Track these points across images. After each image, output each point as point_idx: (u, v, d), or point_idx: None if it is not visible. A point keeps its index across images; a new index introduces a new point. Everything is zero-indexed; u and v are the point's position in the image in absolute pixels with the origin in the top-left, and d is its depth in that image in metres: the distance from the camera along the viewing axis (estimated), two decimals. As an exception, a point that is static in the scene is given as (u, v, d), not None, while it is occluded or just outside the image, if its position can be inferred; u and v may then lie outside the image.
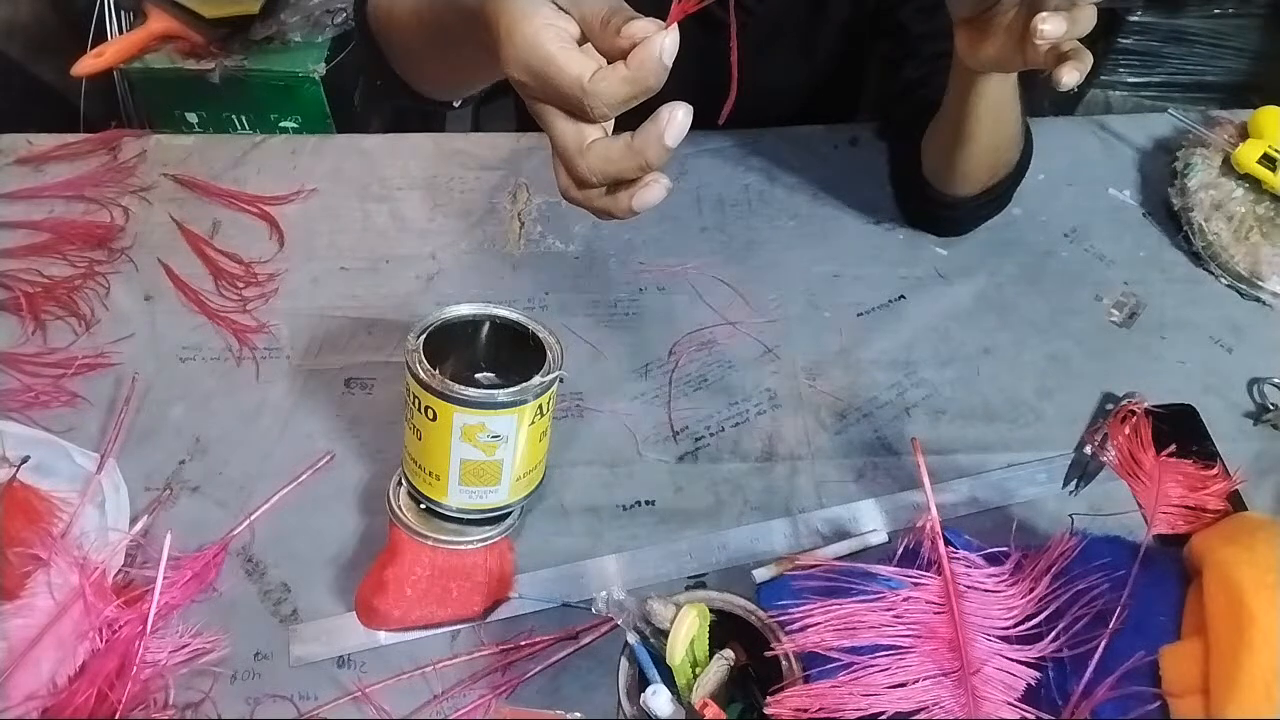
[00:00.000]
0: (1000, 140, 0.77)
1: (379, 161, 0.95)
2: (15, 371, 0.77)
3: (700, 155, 0.95)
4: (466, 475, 0.61)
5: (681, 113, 0.41)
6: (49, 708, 0.58)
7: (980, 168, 0.79)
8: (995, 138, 0.76)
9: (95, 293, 0.83)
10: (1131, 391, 0.76)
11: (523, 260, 0.87)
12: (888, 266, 0.86)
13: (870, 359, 0.79)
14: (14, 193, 0.90)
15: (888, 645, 0.57)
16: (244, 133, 1.42)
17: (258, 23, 1.36)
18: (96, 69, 1.33)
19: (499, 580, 0.65)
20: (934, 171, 0.82)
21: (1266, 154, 0.87)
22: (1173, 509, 0.67)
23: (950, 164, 0.79)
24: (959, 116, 0.74)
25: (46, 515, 0.65)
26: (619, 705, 0.54)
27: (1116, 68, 1.68)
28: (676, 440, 0.74)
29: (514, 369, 0.62)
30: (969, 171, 0.79)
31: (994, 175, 0.80)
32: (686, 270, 0.85)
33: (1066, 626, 0.59)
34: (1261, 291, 0.84)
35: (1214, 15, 1.61)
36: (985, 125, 0.74)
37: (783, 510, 0.70)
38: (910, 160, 0.85)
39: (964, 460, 0.73)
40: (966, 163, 0.78)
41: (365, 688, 0.61)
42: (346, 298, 0.83)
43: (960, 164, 0.78)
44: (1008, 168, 0.80)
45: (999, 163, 0.80)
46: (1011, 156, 0.80)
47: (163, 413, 0.75)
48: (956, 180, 0.81)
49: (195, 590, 0.65)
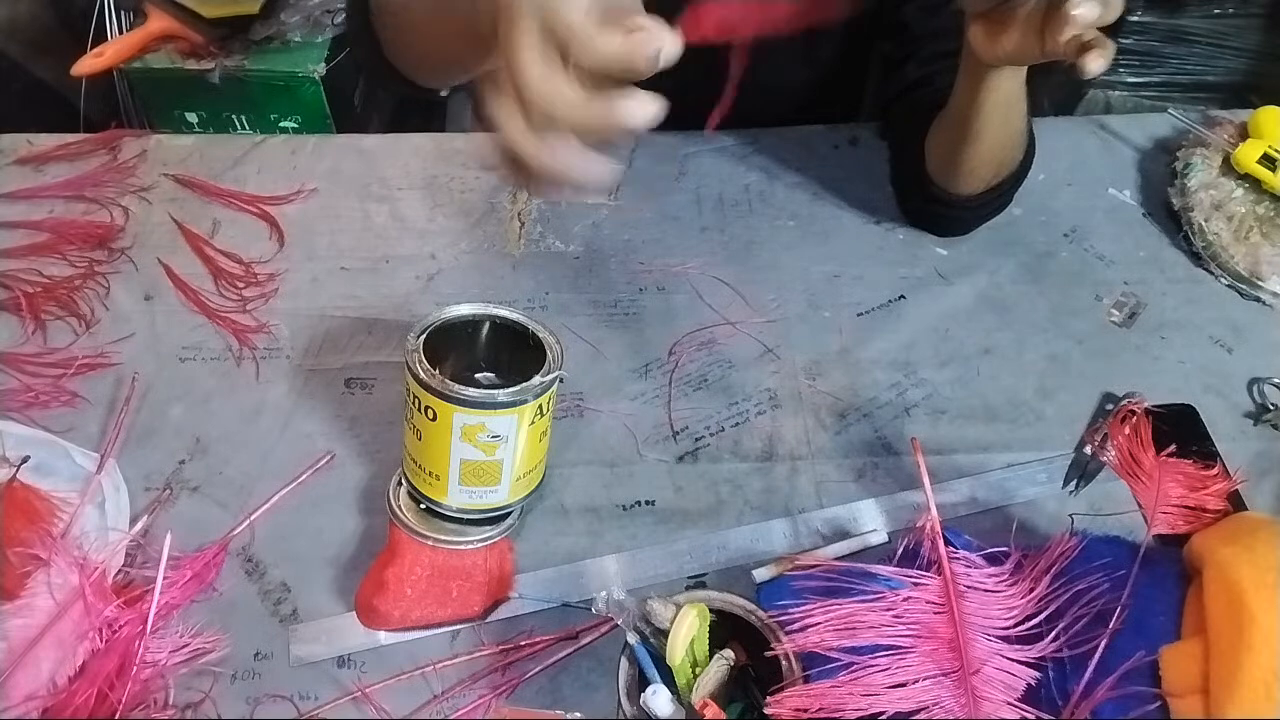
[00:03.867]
0: (1007, 137, 0.77)
1: (379, 161, 0.95)
2: (15, 371, 0.77)
3: (700, 155, 0.95)
4: (466, 475, 0.61)
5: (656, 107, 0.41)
6: (49, 708, 0.58)
7: (986, 165, 0.79)
8: (1003, 134, 0.76)
9: (95, 293, 0.83)
10: (1131, 391, 0.76)
11: (523, 260, 0.87)
12: (888, 266, 0.86)
13: (870, 359, 0.79)
14: (14, 193, 0.90)
15: (888, 645, 0.57)
16: (244, 133, 1.42)
17: (258, 23, 1.36)
18: (96, 69, 1.33)
19: (499, 580, 0.65)
20: (938, 169, 0.82)
21: (1266, 154, 0.87)
22: (1173, 509, 0.67)
23: (956, 161, 0.79)
24: (967, 113, 0.73)
25: (46, 515, 0.65)
26: (619, 705, 0.54)
27: (1116, 68, 1.68)
28: (676, 440, 0.74)
29: (514, 369, 0.62)
30: (975, 169, 0.79)
31: (999, 174, 0.80)
32: (686, 270, 0.85)
33: (1066, 626, 0.59)
34: (1261, 291, 0.84)
35: (1214, 15, 1.61)
36: (994, 122, 0.74)
37: (783, 510, 0.70)
38: (913, 159, 0.85)
39: (964, 460, 0.73)
40: (973, 160, 0.78)
41: (365, 688, 0.61)
42: (346, 298, 0.83)
43: (966, 161, 0.78)
44: (1012, 166, 0.81)
45: (1005, 160, 0.80)
46: (1016, 155, 0.80)
47: (163, 413, 0.75)
48: (962, 178, 0.81)
49: (195, 590, 0.65)
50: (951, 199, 0.83)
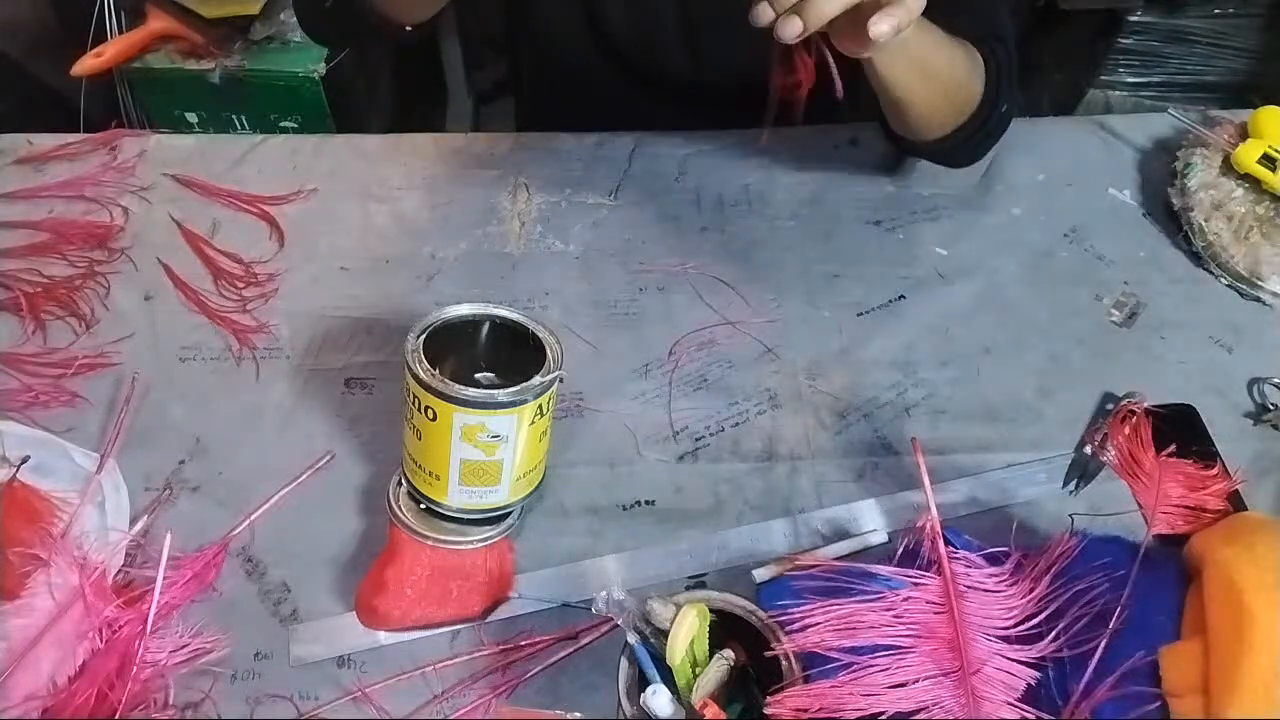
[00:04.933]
0: (939, 89, 0.75)
1: (379, 161, 0.95)
2: (15, 371, 0.77)
3: (700, 155, 0.95)
4: (466, 475, 0.61)
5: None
6: (49, 708, 0.58)
7: (935, 115, 0.78)
8: (931, 89, 0.75)
9: (95, 293, 0.83)
10: (1131, 391, 0.76)
11: (523, 260, 0.87)
12: (888, 266, 0.86)
13: (870, 359, 0.79)
14: (14, 193, 0.90)
15: (888, 645, 0.57)
16: (244, 133, 1.42)
17: (258, 23, 1.37)
18: (96, 69, 1.33)
19: (499, 580, 0.65)
20: (898, 129, 0.83)
21: (1266, 154, 0.87)
22: (1173, 509, 0.67)
23: (904, 124, 0.80)
24: (883, 89, 0.73)
25: (46, 515, 0.65)
26: (619, 705, 0.54)
27: (1116, 68, 1.68)
28: (676, 440, 0.74)
29: (514, 369, 0.62)
30: (927, 122, 0.79)
31: (960, 115, 0.79)
32: (686, 270, 0.85)
33: (1066, 626, 0.59)
34: (1261, 291, 0.84)
35: (1214, 15, 1.61)
36: (913, 86, 0.73)
37: (783, 510, 0.70)
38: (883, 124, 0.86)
39: (964, 460, 0.73)
40: (920, 120, 0.78)
41: (365, 688, 0.61)
42: (346, 298, 0.83)
43: (913, 121, 0.78)
44: (970, 104, 0.78)
45: (957, 104, 0.78)
46: (969, 94, 0.78)
47: (163, 413, 0.75)
48: (921, 131, 0.80)
49: (195, 590, 0.65)
50: (927, 146, 0.83)
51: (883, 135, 0.90)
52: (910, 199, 0.91)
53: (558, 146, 0.95)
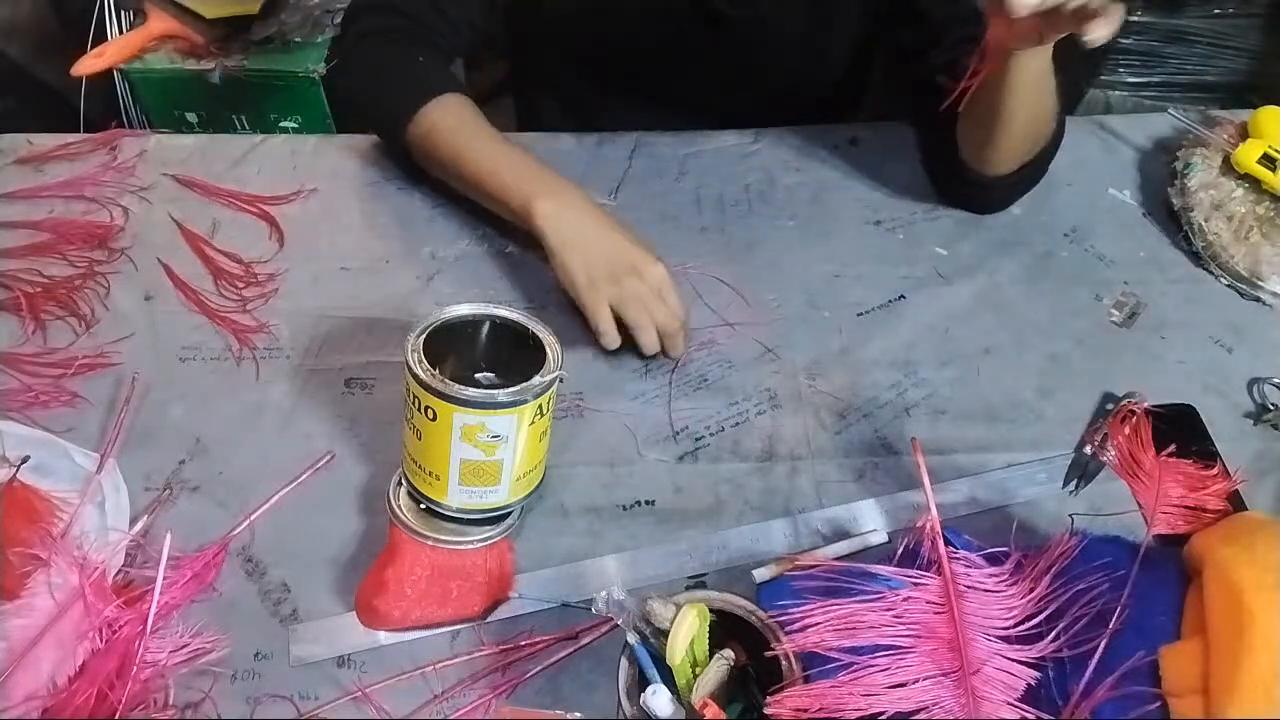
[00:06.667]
0: (1039, 114, 0.78)
1: (379, 161, 0.95)
2: (15, 371, 0.77)
3: (700, 155, 0.95)
4: (466, 475, 0.61)
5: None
6: (49, 708, 0.58)
7: (1020, 143, 0.80)
8: (1034, 111, 0.77)
9: (95, 293, 0.83)
10: (1131, 391, 0.76)
11: (523, 260, 0.87)
12: (888, 266, 0.86)
13: (870, 359, 0.79)
14: (14, 193, 0.90)
15: (888, 645, 0.57)
16: (244, 133, 1.42)
17: (258, 23, 1.36)
18: (96, 69, 1.33)
19: (499, 580, 0.65)
20: (972, 153, 0.83)
21: (1266, 154, 0.87)
22: (1173, 509, 0.67)
23: (990, 144, 0.80)
24: (998, 96, 0.74)
25: (46, 515, 0.65)
26: (619, 705, 0.54)
27: (1116, 68, 1.68)
28: (676, 440, 0.74)
29: (514, 369, 0.62)
30: (1009, 149, 0.81)
31: (1033, 150, 0.82)
32: (686, 270, 0.85)
33: (1066, 626, 0.59)
34: (1261, 291, 0.84)
35: (1214, 15, 1.61)
36: (1025, 101, 0.75)
37: (783, 510, 0.70)
38: (946, 147, 0.86)
39: (964, 460, 0.73)
40: (1007, 141, 0.79)
41: (365, 688, 0.61)
42: (346, 298, 0.83)
43: (1000, 143, 0.80)
44: (1045, 140, 0.82)
45: (1038, 136, 0.81)
46: (1048, 129, 0.81)
47: (163, 413, 0.75)
48: (997, 159, 0.82)
49: (195, 590, 0.65)
50: (988, 180, 0.84)
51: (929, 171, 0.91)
52: (910, 199, 0.92)
53: (558, 146, 0.95)
